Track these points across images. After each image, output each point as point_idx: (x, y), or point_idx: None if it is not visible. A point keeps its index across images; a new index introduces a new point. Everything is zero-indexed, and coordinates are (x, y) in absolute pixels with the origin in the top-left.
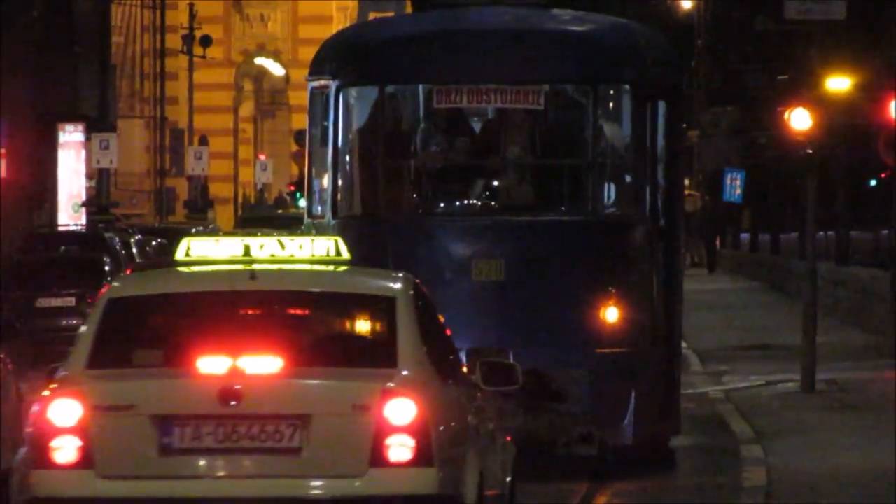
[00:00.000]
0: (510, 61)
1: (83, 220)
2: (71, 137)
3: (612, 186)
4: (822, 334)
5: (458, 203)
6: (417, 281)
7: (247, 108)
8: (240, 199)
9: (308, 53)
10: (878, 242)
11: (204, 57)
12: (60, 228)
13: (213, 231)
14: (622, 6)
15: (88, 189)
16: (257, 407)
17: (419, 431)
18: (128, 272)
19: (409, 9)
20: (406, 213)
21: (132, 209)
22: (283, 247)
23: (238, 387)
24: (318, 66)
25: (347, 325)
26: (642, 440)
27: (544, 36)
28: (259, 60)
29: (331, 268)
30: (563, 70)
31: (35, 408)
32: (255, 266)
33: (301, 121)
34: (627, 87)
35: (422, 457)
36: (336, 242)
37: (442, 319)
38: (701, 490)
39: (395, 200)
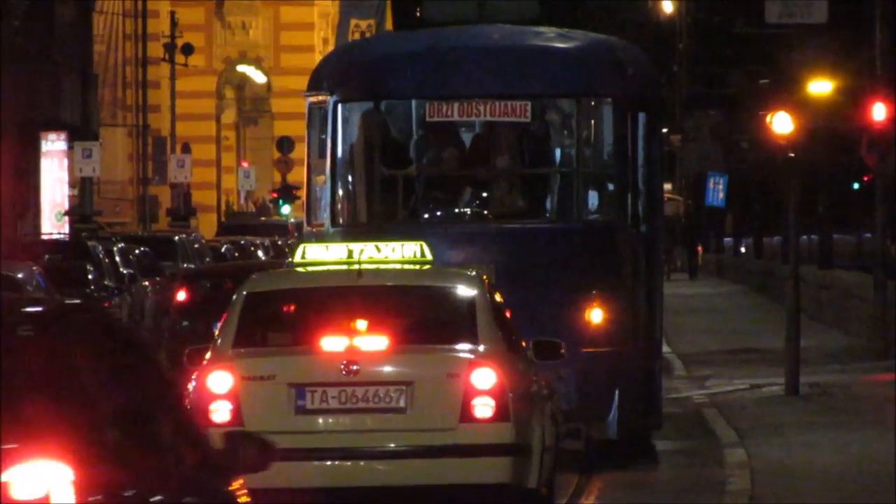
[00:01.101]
0: (498, 77)
1: (66, 229)
2: (53, 146)
3: (596, 194)
4: (805, 338)
5: (450, 211)
6: (485, 276)
7: (229, 116)
8: (223, 207)
9: (290, 60)
10: (861, 245)
11: (186, 65)
12: (44, 237)
13: (196, 239)
14: (605, 12)
15: (71, 198)
16: (371, 376)
17: (498, 394)
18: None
19: (388, 15)
20: (401, 222)
21: (115, 217)
22: (378, 250)
23: (356, 360)
24: (315, 83)
25: (436, 311)
26: (626, 435)
27: (531, 52)
28: (241, 68)
29: (418, 267)
30: (548, 85)
31: (194, 380)
32: (361, 266)
33: (283, 128)
34: (609, 100)
35: (501, 414)
36: (421, 246)
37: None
38: (686, 493)
39: (390, 209)
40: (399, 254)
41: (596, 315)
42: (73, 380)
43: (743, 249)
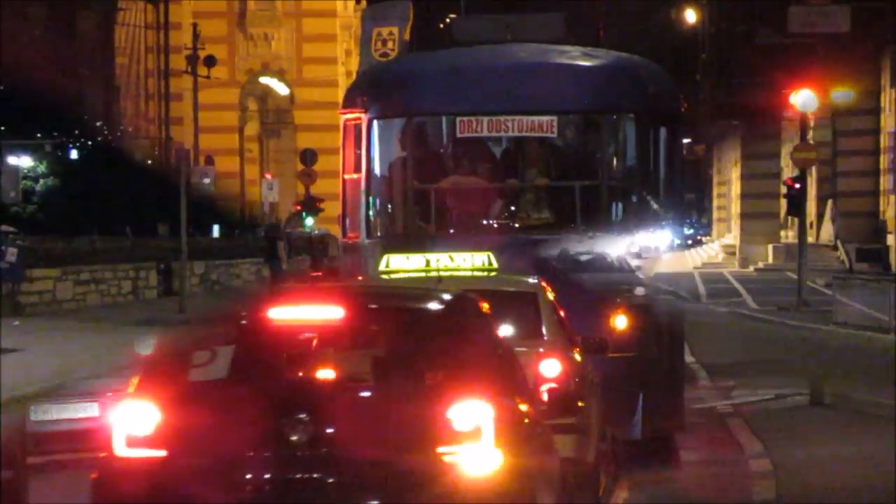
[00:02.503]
0: (525, 94)
1: None
2: None
3: (620, 206)
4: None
5: (480, 223)
6: (545, 282)
7: (252, 128)
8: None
9: (312, 72)
10: None
11: (208, 77)
12: None
13: None
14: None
15: None
16: None
17: (563, 381)
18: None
19: (409, 24)
20: (433, 233)
21: None
22: (452, 259)
23: None
24: (349, 101)
25: (506, 311)
26: (651, 436)
27: (556, 71)
28: (263, 80)
29: (486, 274)
30: (573, 101)
31: None
32: (439, 273)
33: (306, 140)
34: (631, 115)
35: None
36: (489, 256)
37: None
38: (711, 502)
39: (423, 222)
40: (470, 263)
41: (620, 321)
42: (478, 341)
43: None
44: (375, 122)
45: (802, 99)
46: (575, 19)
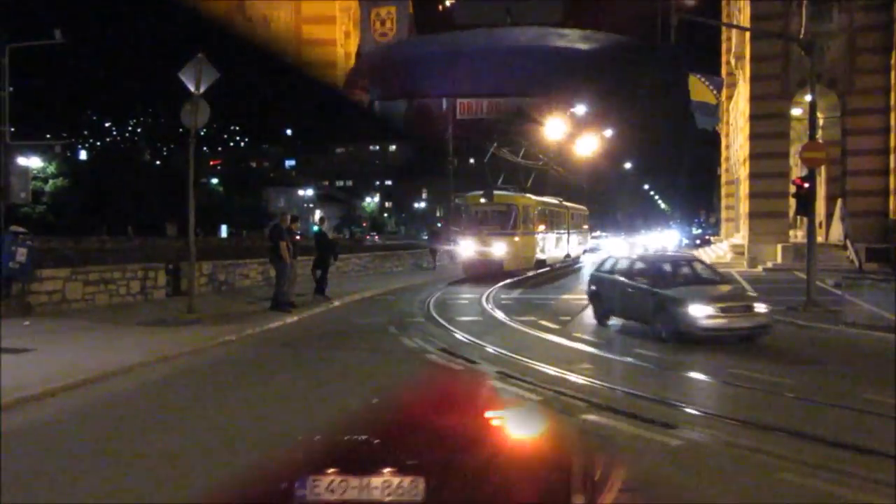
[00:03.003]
0: (524, 77)
1: None
2: None
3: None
4: None
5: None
6: None
7: None
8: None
9: (312, 54)
10: None
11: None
12: None
13: None
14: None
15: None
16: None
17: None
18: None
19: (409, 3)
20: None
21: None
22: None
23: None
24: (351, 83)
25: None
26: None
27: (553, 54)
28: None
29: None
30: (569, 83)
31: None
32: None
33: None
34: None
35: None
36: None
37: None
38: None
39: None
40: None
41: None
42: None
43: None
44: (377, 104)
45: None
46: (574, 2)
